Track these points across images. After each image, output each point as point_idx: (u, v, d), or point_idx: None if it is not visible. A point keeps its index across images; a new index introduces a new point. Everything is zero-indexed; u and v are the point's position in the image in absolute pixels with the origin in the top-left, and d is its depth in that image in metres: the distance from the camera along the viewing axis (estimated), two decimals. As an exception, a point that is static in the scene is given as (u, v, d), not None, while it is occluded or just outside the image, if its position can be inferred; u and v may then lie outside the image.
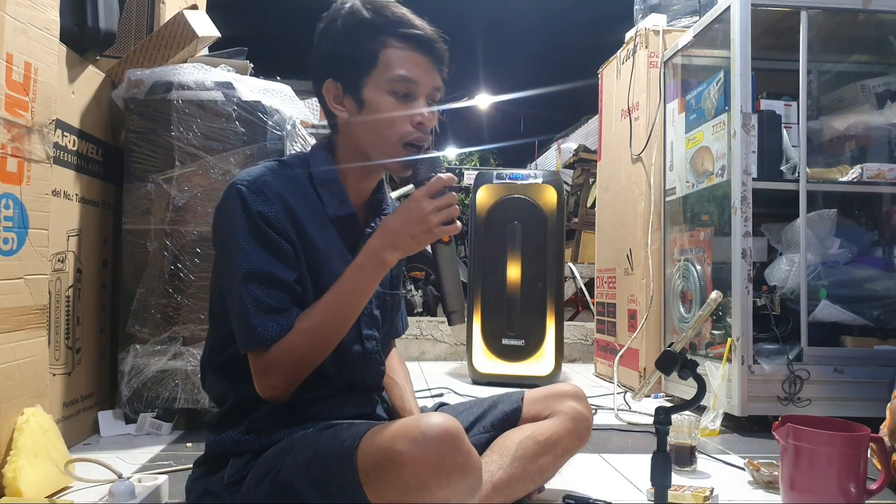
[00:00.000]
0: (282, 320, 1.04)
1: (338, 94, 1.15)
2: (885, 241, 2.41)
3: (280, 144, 2.03)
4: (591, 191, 5.35)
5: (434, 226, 1.04)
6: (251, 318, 1.03)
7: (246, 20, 9.96)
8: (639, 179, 2.87)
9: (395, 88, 1.11)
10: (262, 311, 1.04)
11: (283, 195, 1.09)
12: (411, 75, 1.12)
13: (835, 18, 2.32)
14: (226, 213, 1.08)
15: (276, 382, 1.05)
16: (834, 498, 1.33)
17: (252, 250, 1.05)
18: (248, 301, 1.04)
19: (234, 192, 1.08)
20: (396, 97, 1.12)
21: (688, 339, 1.48)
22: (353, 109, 1.14)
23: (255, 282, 1.04)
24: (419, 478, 0.90)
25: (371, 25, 1.12)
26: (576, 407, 1.34)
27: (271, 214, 1.07)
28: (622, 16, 3.36)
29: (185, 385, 1.94)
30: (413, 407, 1.32)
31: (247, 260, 1.05)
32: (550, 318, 2.92)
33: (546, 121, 16.26)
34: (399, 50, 1.12)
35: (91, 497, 1.40)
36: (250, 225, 1.05)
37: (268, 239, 1.06)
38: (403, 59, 1.12)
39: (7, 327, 1.39)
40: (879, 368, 2.09)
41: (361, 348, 1.18)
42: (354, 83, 1.13)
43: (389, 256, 1.06)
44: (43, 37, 1.52)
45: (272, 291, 1.05)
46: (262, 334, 1.03)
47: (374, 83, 1.12)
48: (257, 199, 1.06)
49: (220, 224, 1.11)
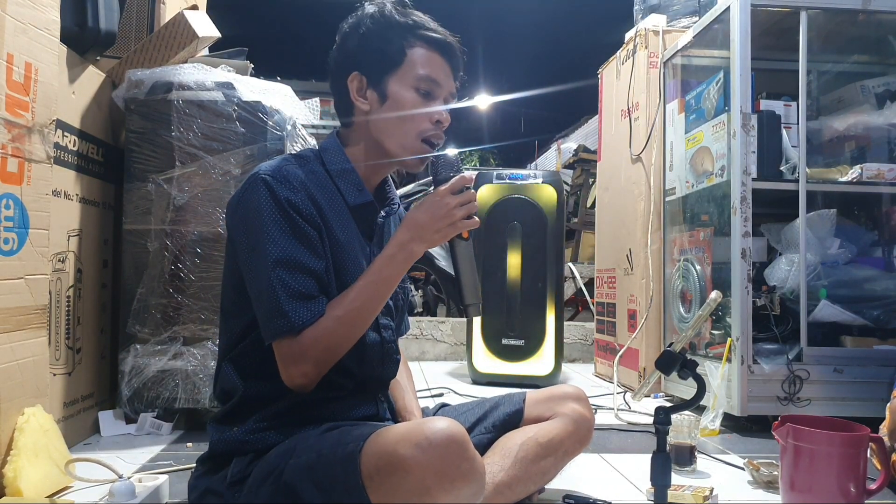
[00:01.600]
0: (312, 306, 1.06)
1: (361, 86, 1.19)
2: (885, 241, 2.41)
3: (280, 144, 2.03)
4: (590, 191, 5.35)
5: (458, 220, 1.09)
6: (283, 304, 1.04)
7: (246, 20, 9.96)
8: (638, 179, 2.87)
9: (419, 86, 1.17)
10: (293, 297, 1.05)
11: (307, 185, 1.12)
12: (435, 76, 1.18)
13: (835, 19, 2.32)
14: (251, 202, 1.09)
15: (307, 370, 1.06)
16: (834, 498, 1.34)
17: (281, 237, 1.06)
18: (278, 287, 1.05)
19: (259, 182, 1.09)
20: (419, 94, 1.17)
21: (687, 339, 1.48)
22: (375, 102, 1.18)
23: (285, 268, 1.05)
24: (423, 483, 0.90)
25: (401, 25, 1.18)
26: (578, 409, 1.34)
27: (299, 201, 1.09)
28: (622, 16, 3.37)
29: (185, 385, 1.94)
30: (414, 408, 1.32)
31: (276, 247, 1.06)
32: (550, 318, 2.92)
33: (546, 121, 16.27)
34: (425, 51, 1.18)
35: (91, 497, 1.40)
36: (280, 212, 1.07)
37: (297, 226, 1.08)
38: (429, 60, 1.17)
39: (7, 327, 1.39)
40: (879, 368, 2.09)
41: (380, 338, 1.20)
42: (379, 77, 1.17)
43: (417, 248, 1.09)
44: (43, 37, 1.52)
45: (302, 278, 1.06)
46: (295, 320, 1.04)
47: (400, 79, 1.17)
48: (284, 187, 1.08)
49: (245, 214, 1.10)
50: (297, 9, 14.79)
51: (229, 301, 1.18)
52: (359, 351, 1.13)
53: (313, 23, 3.59)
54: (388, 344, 1.23)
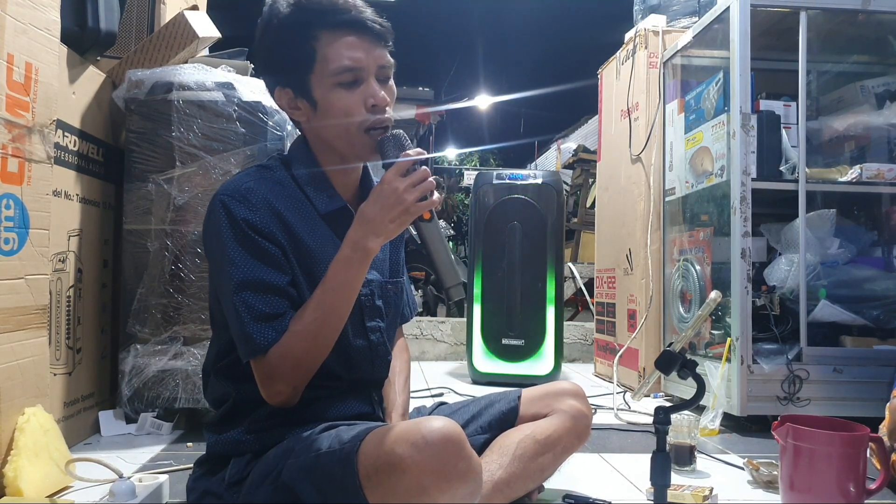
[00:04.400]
0: (278, 325, 1.04)
1: (290, 99, 1.14)
2: (885, 241, 2.41)
3: (280, 145, 2.03)
4: (590, 191, 5.35)
5: (411, 204, 1.01)
6: (247, 327, 1.03)
7: (246, 20, 9.94)
8: (638, 179, 2.88)
9: (341, 80, 1.08)
10: (257, 318, 1.03)
11: (269, 199, 1.08)
12: (352, 62, 1.08)
13: (834, 19, 2.32)
14: (212, 226, 1.08)
15: (280, 388, 1.05)
16: (833, 498, 1.34)
17: (241, 259, 1.05)
18: (242, 310, 1.03)
19: (217, 205, 1.07)
20: (345, 88, 1.09)
21: (687, 338, 1.48)
22: (308, 111, 1.13)
23: (248, 289, 1.04)
24: (420, 483, 0.90)
25: (297, 23, 1.09)
26: (575, 405, 1.34)
27: (257, 220, 1.06)
28: (622, 16, 3.36)
29: (185, 385, 1.94)
30: (398, 406, 1.29)
31: (237, 269, 1.04)
32: (550, 318, 2.92)
33: (546, 121, 16.25)
34: (333, 39, 1.08)
35: (91, 497, 1.41)
36: (236, 234, 1.05)
37: (256, 245, 1.05)
38: (340, 48, 1.08)
39: (8, 327, 1.39)
40: (879, 368, 2.09)
41: (366, 342, 1.18)
42: (301, 85, 1.11)
43: (372, 244, 1.03)
44: (43, 37, 1.53)
45: (266, 297, 1.04)
46: (260, 341, 1.03)
47: (320, 80, 1.09)
48: (241, 206, 1.06)
49: (209, 238, 1.10)
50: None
51: (217, 313, 1.16)
52: (345, 357, 1.12)
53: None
54: (376, 347, 1.20)
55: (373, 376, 1.22)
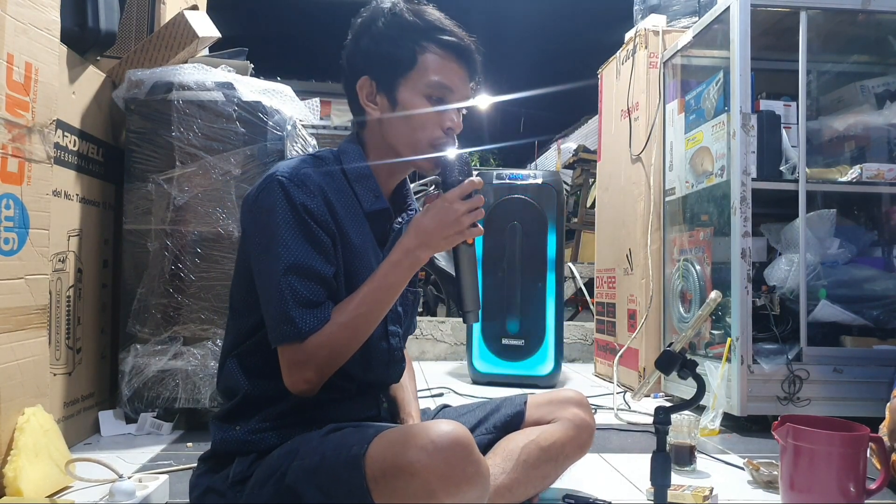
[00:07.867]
0: (319, 314, 1.05)
1: (371, 91, 1.16)
2: (885, 241, 2.41)
3: (280, 145, 2.03)
4: (590, 191, 5.35)
5: (465, 227, 1.06)
6: (291, 310, 1.03)
7: (246, 20, 9.96)
8: (638, 179, 2.88)
9: (431, 93, 1.14)
10: (301, 304, 1.04)
11: (323, 188, 1.10)
12: (448, 82, 1.14)
13: (834, 19, 2.32)
14: (266, 203, 1.07)
15: (310, 376, 1.05)
16: (833, 498, 1.34)
17: (294, 242, 1.05)
18: (287, 293, 1.04)
19: (275, 183, 1.07)
20: (430, 101, 1.14)
21: (687, 338, 1.48)
22: (385, 108, 1.16)
23: (296, 274, 1.05)
24: (428, 487, 0.90)
25: (413, 28, 1.14)
26: (580, 414, 1.34)
27: (314, 206, 1.07)
28: (622, 16, 3.37)
29: (185, 385, 1.94)
30: (413, 410, 1.31)
31: (288, 252, 1.05)
32: (550, 319, 2.92)
33: (546, 121, 16.26)
34: (438, 56, 1.14)
35: (91, 497, 1.41)
36: (294, 216, 1.06)
37: (310, 231, 1.06)
38: (441, 66, 1.14)
39: (8, 327, 1.39)
40: (879, 368, 2.09)
41: (387, 345, 1.19)
42: (390, 82, 1.14)
43: (423, 255, 1.07)
44: (43, 37, 1.53)
45: (311, 285, 1.05)
46: (302, 326, 1.03)
47: (410, 85, 1.14)
48: (300, 190, 1.07)
49: (260, 215, 1.09)
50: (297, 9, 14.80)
51: (239, 298, 1.17)
52: (365, 357, 1.13)
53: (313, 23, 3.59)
54: (395, 351, 1.22)
55: (386, 379, 1.24)
